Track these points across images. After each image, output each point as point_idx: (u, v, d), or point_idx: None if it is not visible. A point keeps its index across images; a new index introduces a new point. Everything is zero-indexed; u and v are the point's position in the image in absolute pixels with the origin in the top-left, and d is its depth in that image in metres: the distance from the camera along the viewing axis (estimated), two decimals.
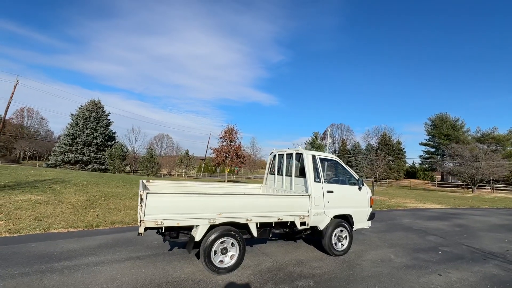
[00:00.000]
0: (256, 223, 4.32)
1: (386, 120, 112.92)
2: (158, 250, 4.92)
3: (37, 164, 33.93)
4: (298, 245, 5.80)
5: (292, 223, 4.70)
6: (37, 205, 7.94)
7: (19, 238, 5.28)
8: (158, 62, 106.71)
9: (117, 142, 34.07)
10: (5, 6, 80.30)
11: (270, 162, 6.52)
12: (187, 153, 38.75)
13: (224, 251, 4.06)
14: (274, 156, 6.28)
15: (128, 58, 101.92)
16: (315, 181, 5.06)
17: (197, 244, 3.95)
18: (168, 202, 3.64)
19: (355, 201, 5.52)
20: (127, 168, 45.85)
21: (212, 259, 3.93)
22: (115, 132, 35.08)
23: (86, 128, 31.70)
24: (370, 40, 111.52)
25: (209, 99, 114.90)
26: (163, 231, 3.82)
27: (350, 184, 5.60)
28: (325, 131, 62.13)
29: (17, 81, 32.98)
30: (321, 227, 5.07)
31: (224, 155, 23.68)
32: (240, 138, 24.69)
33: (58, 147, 30.94)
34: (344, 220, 5.36)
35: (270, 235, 4.84)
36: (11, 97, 32.91)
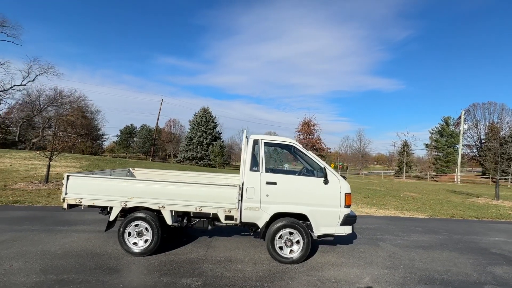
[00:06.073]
0: (171, 211, 4.20)
1: None
2: None
3: (172, 160, 45.23)
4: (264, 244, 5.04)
5: (216, 215, 4.21)
6: None
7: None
8: (272, 65, 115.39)
9: (222, 141, 40.02)
10: (166, 47, 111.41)
11: None
12: (275, 148, 40.11)
13: (140, 234, 4.22)
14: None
15: (247, 67, 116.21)
16: (251, 170, 4.28)
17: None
18: (84, 184, 4.21)
19: (315, 197, 4.20)
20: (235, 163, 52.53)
21: (126, 240, 4.17)
22: (220, 133, 41.48)
23: (199, 131, 39.17)
24: None
25: (320, 93, 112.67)
26: (82, 208, 4.42)
27: (309, 175, 4.31)
28: (461, 115, 47.82)
29: (162, 99, 44.91)
30: (260, 225, 4.23)
31: None
32: (319, 130, 23.05)
33: (182, 147, 40.16)
34: (300, 220, 4.21)
35: (210, 227, 4.52)
36: (159, 112, 45.20)
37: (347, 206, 4.20)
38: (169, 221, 4.19)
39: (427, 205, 10.47)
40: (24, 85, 31.62)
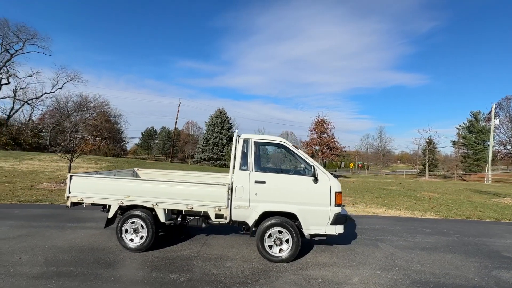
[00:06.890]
0: (164, 209, 4.36)
1: None
2: None
3: (189, 161, 46.46)
4: None
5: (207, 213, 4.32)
6: None
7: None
8: (289, 64, 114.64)
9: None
10: (185, 50, 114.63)
11: None
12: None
13: (136, 231, 4.43)
14: None
15: (265, 67, 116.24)
16: (240, 169, 4.35)
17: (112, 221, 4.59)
18: (86, 183, 4.50)
19: (304, 196, 4.17)
20: None
21: (123, 236, 4.40)
22: None
23: (214, 132, 39.87)
24: None
25: (339, 91, 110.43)
26: (84, 206, 4.71)
27: (298, 173, 4.29)
28: (491, 110, 44.72)
29: (180, 102, 46.33)
30: (249, 223, 4.28)
31: (315, 147, 22.44)
32: (333, 128, 22.54)
33: (198, 148, 41.11)
34: (290, 219, 4.20)
35: (204, 225, 4.64)
36: (177, 114, 46.58)
37: (338, 205, 4.13)
38: (162, 218, 4.36)
39: (443, 206, 9.90)
40: (54, 92, 34.14)
